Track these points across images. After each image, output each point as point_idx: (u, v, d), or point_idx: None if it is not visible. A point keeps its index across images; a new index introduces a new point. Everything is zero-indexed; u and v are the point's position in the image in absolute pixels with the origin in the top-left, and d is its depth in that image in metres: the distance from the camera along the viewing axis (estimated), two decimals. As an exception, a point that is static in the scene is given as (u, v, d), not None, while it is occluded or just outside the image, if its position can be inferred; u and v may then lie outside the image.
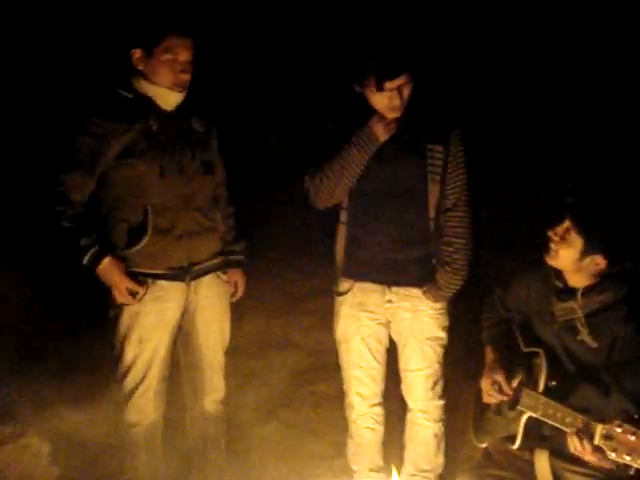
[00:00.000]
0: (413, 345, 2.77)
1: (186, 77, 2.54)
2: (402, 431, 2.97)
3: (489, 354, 2.49)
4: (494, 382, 2.39)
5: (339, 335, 2.87)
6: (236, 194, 2.97)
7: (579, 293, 2.28)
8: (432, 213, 2.62)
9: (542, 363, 2.29)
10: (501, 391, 2.38)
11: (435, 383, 2.81)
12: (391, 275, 2.69)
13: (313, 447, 3.36)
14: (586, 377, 2.23)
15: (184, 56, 2.51)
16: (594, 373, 2.22)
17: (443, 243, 2.65)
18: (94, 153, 2.50)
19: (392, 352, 2.89)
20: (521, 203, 4.57)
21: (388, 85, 2.48)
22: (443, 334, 2.77)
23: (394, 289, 2.72)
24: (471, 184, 2.69)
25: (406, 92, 2.53)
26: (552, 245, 2.30)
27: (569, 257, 2.26)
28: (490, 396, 2.41)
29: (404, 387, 2.88)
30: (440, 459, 2.91)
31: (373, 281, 2.73)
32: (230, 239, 2.86)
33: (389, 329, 2.82)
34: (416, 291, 2.70)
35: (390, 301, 2.74)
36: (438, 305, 2.73)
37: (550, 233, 2.30)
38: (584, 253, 2.24)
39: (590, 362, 2.25)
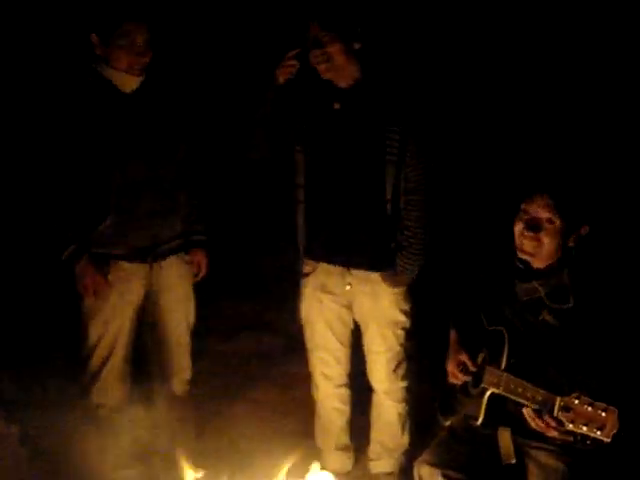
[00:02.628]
0: (374, 328, 2.78)
1: (143, 60, 2.55)
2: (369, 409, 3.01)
3: (453, 336, 2.52)
4: (459, 362, 2.42)
5: (303, 316, 2.89)
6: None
7: (541, 272, 2.29)
8: (389, 194, 2.58)
9: (505, 341, 2.31)
10: (466, 371, 2.40)
11: (397, 365, 2.83)
12: (350, 257, 2.67)
13: (283, 427, 3.38)
14: (548, 356, 2.26)
15: (140, 39, 2.52)
16: (556, 353, 2.25)
17: (402, 227, 2.62)
18: (72, 140, 2.52)
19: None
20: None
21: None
22: (404, 318, 2.77)
23: (354, 272, 2.70)
24: (442, 173, 2.72)
25: (336, 56, 2.47)
26: (531, 241, 2.24)
27: (556, 244, 2.24)
28: (456, 376, 2.44)
29: (368, 368, 2.90)
30: (405, 438, 2.95)
31: (333, 263, 2.71)
32: (193, 219, 2.86)
33: (352, 311, 2.83)
34: (375, 275, 2.69)
35: (350, 284, 2.72)
36: (397, 289, 2.72)
37: (525, 232, 2.25)
38: (570, 231, 2.23)
39: (552, 341, 2.27)
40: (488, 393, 2.31)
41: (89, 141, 2.53)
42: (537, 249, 2.26)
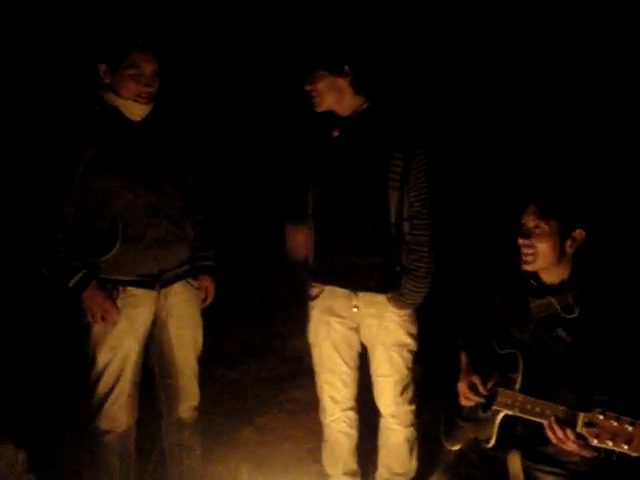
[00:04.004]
0: (380, 351, 2.79)
1: (151, 90, 2.57)
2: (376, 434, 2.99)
3: (464, 358, 2.52)
4: (470, 384, 2.42)
5: (311, 339, 2.90)
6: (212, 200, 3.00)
7: (555, 288, 2.32)
8: (393, 219, 2.62)
9: (518, 362, 2.31)
10: (477, 393, 2.40)
11: (404, 389, 2.83)
12: (356, 280, 2.71)
13: (289, 453, 3.36)
14: (563, 374, 2.26)
15: (148, 69, 2.54)
16: (571, 370, 2.25)
17: (408, 251, 2.66)
18: (67, 169, 2.53)
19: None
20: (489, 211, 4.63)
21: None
22: (410, 340, 2.79)
23: (360, 294, 2.73)
24: (442, 193, 2.73)
25: (319, 85, 2.60)
26: (527, 250, 2.31)
27: (550, 248, 2.28)
28: (467, 399, 2.43)
29: (375, 392, 2.89)
30: (413, 463, 2.93)
31: (340, 286, 2.75)
32: (200, 246, 2.87)
33: (360, 334, 2.83)
34: (381, 297, 2.71)
35: (356, 307, 2.75)
36: (403, 312, 2.74)
37: (520, 240, 2.33)
38: (563, 234, 2.28)
39: (566, 358, 2.27)
40: (500, 415, 2.31)
41: (96, 169, 2.53)
42: (533, 256, 2.32)
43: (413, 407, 2.87)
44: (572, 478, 2.22)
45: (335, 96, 2.62)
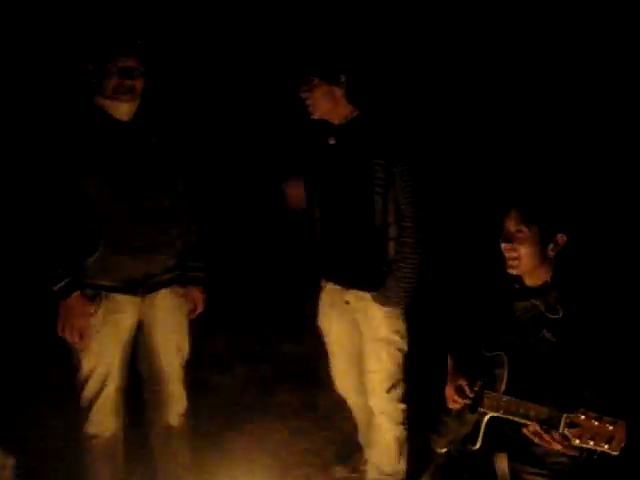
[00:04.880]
0: (368, 347, 2.88)
1: (130, 83, 2.56)
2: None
3: (450, 362, 2.53)
4: (457, 387, 2.43)
5: (319, 325, 3.08)
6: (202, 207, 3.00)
7: (538, 290, 2.35)
8: (379, 222, 2.74)
9: (504, 365, 2.34)
10: (464, 396, 2.41)
11: (393, 386, 2.88)
12: (346, 277, 2.87)
13: (279, 458, 3.36)
14: (549, 375, 2.27)
15: (126, 63, 2.54)
16: (556, 371, 2.27)
17: (394, 251, 2.76)
18: (54, 170, 2.53)
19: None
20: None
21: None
22: (396, 337, 2.86)
23: (352, 291, 2.87)
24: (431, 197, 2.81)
25: (317, 95, 2.71)
26: (510, 253, 2.35)
27: (532, 252, 2.31)
28: (454, 402, 2.44)
29: (365, 388, 2.96)
30: (402, 464, 2.96)
31: (335, 282, 2.93)
32: (190, 255, 2.84)
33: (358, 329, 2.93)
34: (367, 295, 2.82)
35: (348, 302, 2.89)
36: (388, 309, 2.81)
37: (502, 244, 2.36)
38: (545, 239, 2.31)
39: (552, 359, 2.29)
40: (487, 417, 2.32)
41: (79, 171, 2.53)
42: (516, 261, 2.34)
43: (403, 406, 2.91)
44: (559, 479, 2.23)
45: (329, 104, 2.73)
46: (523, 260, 2.34)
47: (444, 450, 2.49)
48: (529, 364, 2.33)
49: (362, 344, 2.91)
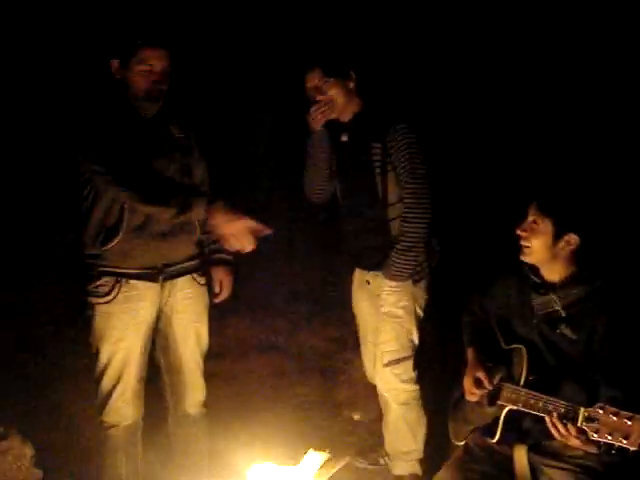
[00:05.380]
0: (377, 321, 3.00)
1: (161, 87, 2.58)
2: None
3: (470, 354, 2.53)
4: (476, 379, 2.43)
5: (353, 307, 3.23)
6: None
7: (557, 285, 2.34)
8: (387, 202, 2.87)
9: (523, 358, 2.34)
10: (483, 388, 2.41)
11: (391, 362, 2.94)
12: (364, 260, 3.04)
13: (295, 450, 3.36)
14: (567, 369, 2.27)
15: (158, 67, 2.56)
16: (575, 365, 2.27)
17: (400, 230, 2.87)
18: (83, 155, 2.56)
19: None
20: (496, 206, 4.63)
21: (307, 83, 2.86)
22: (400, 312, 2.92)
23: (371, 272, 3.02)
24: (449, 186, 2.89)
25: (330, 93, 2.84)
26: (524, 242, 2.37)
27: (543, 246, 2.33)
28: (473, 394, 2.44)
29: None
30: (417, 444, 2.99)
31: (356, 266, 3.13)
32: (214, 238, 2.83)
33: None
34: (380, 273, 2.95)
35: (368, 282, 3.05)
36: (394, 284, 2.90)
37: (518, 231, 2.38)
38: (556, 236, 2.31)
39: (570, 354, 2.29)
40: (505, 410, 2.32)
41: (104, 158, 2.54)
42: (528, 249, 2.37)
43: (407, 387, 2.96)
44: (578, 472, 2.22)
45: (344, 100, 2.87)
46: (534, 250, 2.36)
47: (462, 442, 2.49)
48: (548, 358, 2.33)
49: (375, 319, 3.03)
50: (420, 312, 2.97)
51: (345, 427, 3.54)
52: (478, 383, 2.42)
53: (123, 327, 2.63)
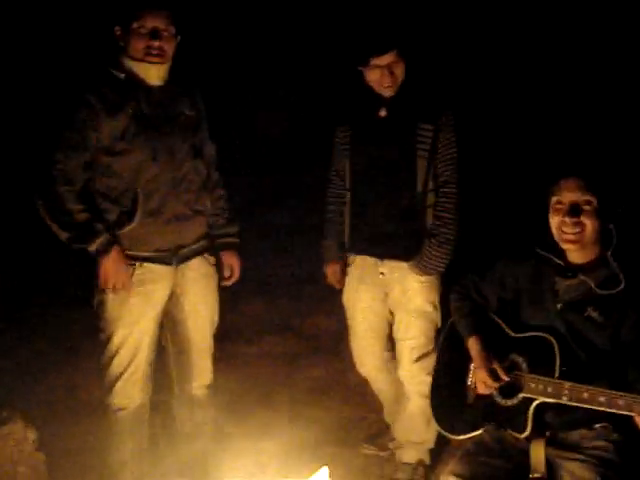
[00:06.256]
0: (401, 316, 2.86)
1: (157, 44, 2.50)
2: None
3: (475, 344, 2.40)
4: (490, 370, 2.32)
5: (345, 301, 3.01)
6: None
7: (586, 267, 2.24)
8: (420, 188, 2.73)
9: (554, 347, 2.22)
10: (499, 380, 2.31)
11: (421, 357, 2.84)
12: (383, 248, 2.81)
13: (306, 432, 3.27)
14: (596, 356, 2.19)
15: (152, 23, 2.49)
16: (601, 353, 2.19)
17: (433, 217, 2.75)
18: (84, 133, 2.48)
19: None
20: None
21: (376, 61, 2.63)
22: (430, 308, 2.83)
23: (386, 262, 2.82)
24: (466, 170, 2.79)
25: (397, 71, 2.67)
26: (573, 228, 2.20)
27: (597, 225, 2.20)
28: (487, 387, 2.34)
29: (396, 357, 2.95)
30: (430, 433, 2.91)
31: (369, 254, 2.86)
32: (223, 222, 2.84)
33: (388, 301, 2.89)
34: (404, 264, 2.79)
35: (382, 273, 2.84)
36: (424, 278, 2.78)
37: (567, 218, 2.21)
38: (601, 212, 2.20)
39: (596, 341, 2.20)
40: (535, 403, 2.22)
41: (120, 142, 2.50)
42: (580, 234, 2.21)
43: (431, 378, 2.78)
44: (597, 464, 2.13)
45: (401, 76, 2.70)
46: (587, 233, 2.22)
47: (462, 437, 2.42)
48: (573, 346, 2.23)
49: (392, 315, 2.89)
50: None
51: (358, 412, 3.46)
52: (493, 374, 2.31)
53: (138, 310, 2.59)
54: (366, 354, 3.01)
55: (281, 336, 4.20)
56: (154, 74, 2.55)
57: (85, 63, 2.99)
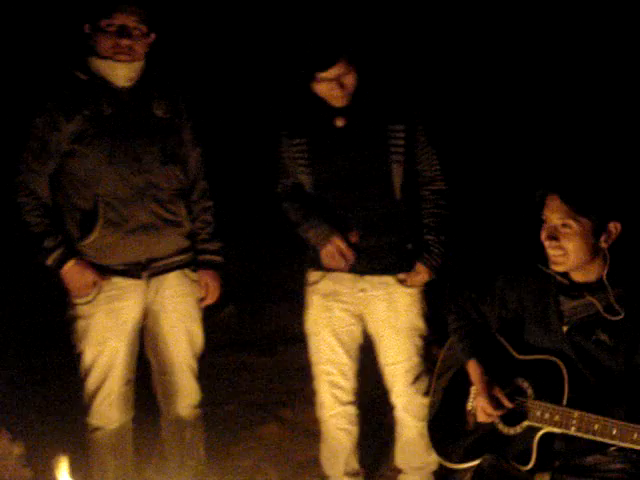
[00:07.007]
0: (390, 336, 2.66)
1: (126, 42, 2.41)
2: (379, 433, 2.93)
3: (475, 368, 2.23)
4: (492, 397, 2.15)
5: (309, 326, 2.75)
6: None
7: (593, 286, 2.07)
8: (399, 195, 2.57)
9: (562, 372, 2.07)
10: (501, 407, 2.15)
11: (416, 378, 2.68)
12: (364, 264, 2.60)
13: (313, 449, 3.12)
14: (608, 382, 2.04)
15: (121, 20, 2.40)
16: (614, 379, 2.04)
17: (427, 215, 2.63)
18: (44, 139, 2.42)
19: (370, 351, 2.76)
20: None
21: (322, 75, 2.47)
22: (422, 324, 2.67)
23: (367, 277, 2.62)
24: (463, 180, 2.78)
25: (347, 81, 2.51)
26: (554, 250, 2.06)
27: (581, 247, 2.03)
28: (489, 415, 2.17)
29: (386, 383, 2.76)
30: (432, 456, 2.67)
31: (345, 271, 2.62)
32: (205, 236, 2.66)
33: (363, 323, 2.70)
34: (389, 278, 2.61)
35: (363, 290, 2.63)
36: (413, 291, 2.63)
37: (546, 242, 2.08)
38: (597, 230, 2.03)
39: (607, 364, 2.05)
40: (541, 433, 2.07)
41: (77, 143, 2.41)
42: (563, 258, 2.07)
43: (426, 400, 2.63)
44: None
45: (354, 84, 2.54)
46: (571, 257, 2.06)
47: (461, 467, 2.27)
48: (584, 370, 2.07)
49: (379, 336, 2.68)
50: None
51: (367, 429, 3.29)
52: (495, 402, 2.14)
53: (105, 329, 2.50)
54: (339, 384, 2.72)
55: (296, 346, 4.02)
56: (121, 74, 2.45)
57: (47, 65, 2.94)
